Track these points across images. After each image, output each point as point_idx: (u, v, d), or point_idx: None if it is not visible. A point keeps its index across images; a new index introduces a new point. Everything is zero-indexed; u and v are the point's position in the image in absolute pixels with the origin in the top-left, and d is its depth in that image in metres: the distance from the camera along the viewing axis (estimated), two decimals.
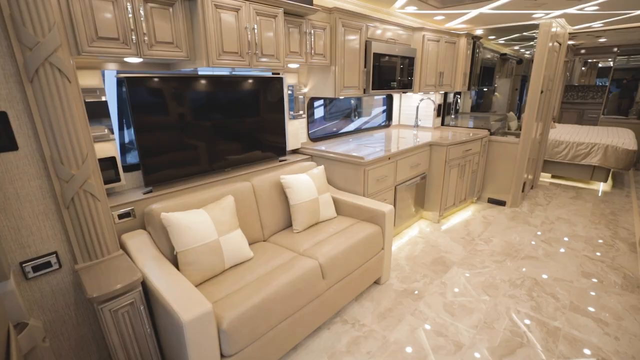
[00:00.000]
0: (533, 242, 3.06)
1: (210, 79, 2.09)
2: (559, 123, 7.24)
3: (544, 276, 2.54)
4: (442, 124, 4.23)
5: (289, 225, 2.36)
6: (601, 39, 4.95)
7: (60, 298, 1.57)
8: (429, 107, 3.97)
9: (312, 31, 2.28)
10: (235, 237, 1.83)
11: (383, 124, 4.17)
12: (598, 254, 2.85)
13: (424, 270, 2.63)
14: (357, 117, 4.59)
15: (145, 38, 1.54)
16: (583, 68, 8.98)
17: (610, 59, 8.61)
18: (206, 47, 1.68)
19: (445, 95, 4.15)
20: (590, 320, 2.07)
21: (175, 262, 1.71)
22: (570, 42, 6.38)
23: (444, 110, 4.20)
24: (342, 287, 2.04)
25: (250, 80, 2.31)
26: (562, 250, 2.93)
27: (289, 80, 2.69)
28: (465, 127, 4.11)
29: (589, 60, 8.84)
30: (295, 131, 2.84)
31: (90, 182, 1.47)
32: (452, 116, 4.49)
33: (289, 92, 2.70)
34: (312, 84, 2.71)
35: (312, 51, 2.33)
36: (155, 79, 1.84)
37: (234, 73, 2.37)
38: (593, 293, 2.33)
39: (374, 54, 2.69)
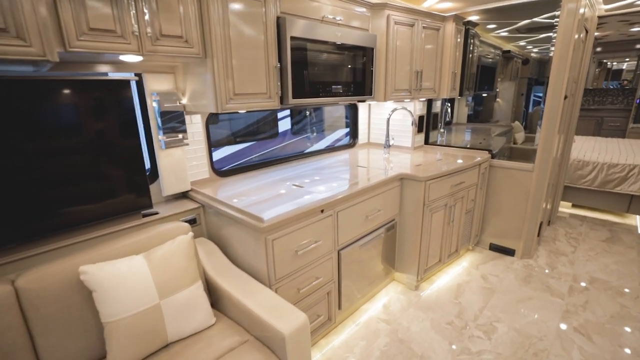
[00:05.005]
0: (561, 332, 1.95)
1: None
2: (575, 135, 6.12)
3: None
4: (426, 142, 3.15)
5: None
6: (635, 27, 3.88)
7: None
8: (407, 120, 2.90)
9: None
10: None
11: (347, 143, 3.11)
12: None
13: None
14: (314, 133, 3.56)
15: None
16: (597, 69, 7.98)
17: (627, 59, 7.63)
18: None
19: (430, 103, 3.07)
20: None
21: None
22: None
23: (428, 123, 3.13)
24: None
25: (59, 84, 1.27)
26: (611, 350, 1.81)
27: (154, 84, 1.64)
28: (458, 147, 3.02)
29: (604, 61, 7.83)
30: (177, 165, 1.78)
31: None
32: (442, 130, 3.41)
33: (154, 104, 1.65)
34: (190, 91, 1.65)
35: (156, 31, 1.27)
36: None
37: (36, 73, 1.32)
38: None
39: (292, 39, 1.63)
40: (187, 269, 1.33)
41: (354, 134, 3.08)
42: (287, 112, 4.30)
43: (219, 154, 3.33)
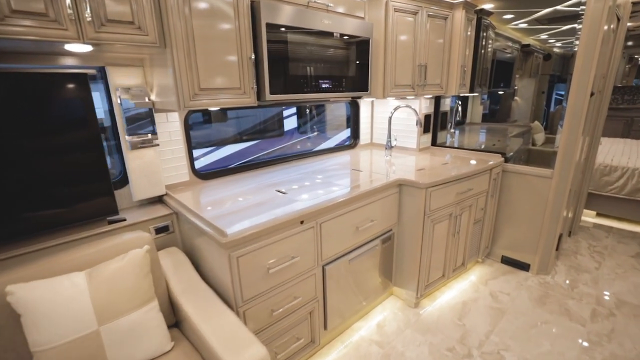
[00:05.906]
0: None
1: None
2: (602, 136, 5.67)
3: None
4: (434, 143, 2.89)
5: None
6: None
7: None
8: (412, 119, 2.66)
9: None
10: None
11: (347, 143, 2.90)
12: None
13: None
14: (314, 132, 3.37)
15: None
16: (627, 66, 7.42)
17: None
18: None
19: (438, 100, 2.82)
20: None
21: None
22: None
23: (436, 123, 2.87)
24: None
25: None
26: None
27: (119, 79, 1.48)
28: (468, 149, 2.75)
29: (636, 57, 7.27)
30: (149, 168, 1.63)
31: None
32: (452, 130, 3.15)
33: (119, 100, 1.49)
34: (158, 86, 1.49)
35: (100, 15, 1.10)
36: None
37: None
38: None
39: (269, 27, 1.44)
40: (137, 288, 1.16)
41: (355, 134, 2.87)
42: (294, 110, 4.12)
43: (218, 154, 3.19)
